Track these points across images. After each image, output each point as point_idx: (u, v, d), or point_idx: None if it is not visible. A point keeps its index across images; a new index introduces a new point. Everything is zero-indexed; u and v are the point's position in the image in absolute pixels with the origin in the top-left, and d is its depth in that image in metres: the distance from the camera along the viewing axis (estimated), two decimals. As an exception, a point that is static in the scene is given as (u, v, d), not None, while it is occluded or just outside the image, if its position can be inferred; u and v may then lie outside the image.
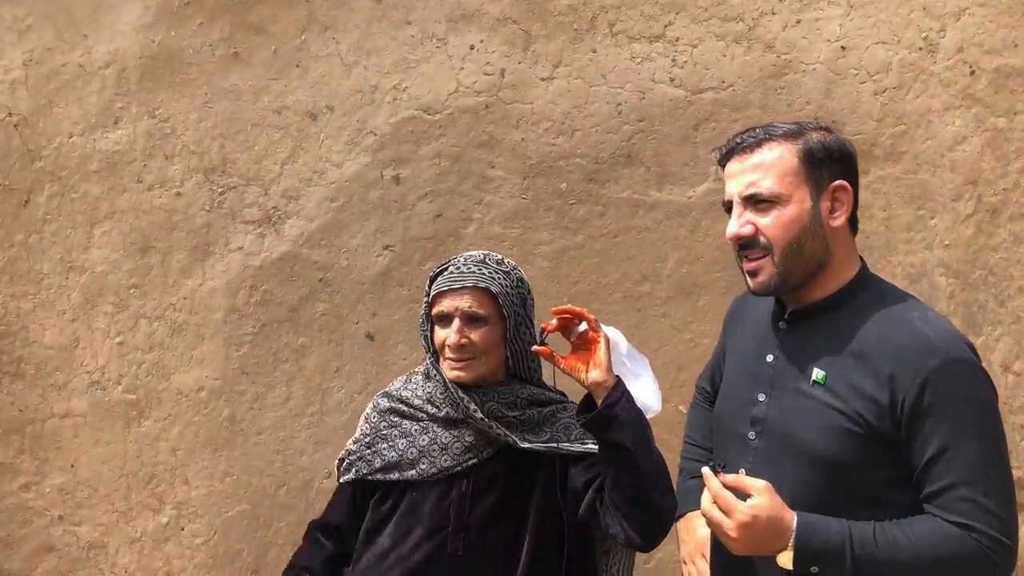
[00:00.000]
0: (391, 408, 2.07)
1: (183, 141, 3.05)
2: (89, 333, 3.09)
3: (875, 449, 1.63)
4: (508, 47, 2.94)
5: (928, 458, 1.59)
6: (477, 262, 1.98)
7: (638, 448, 1.78)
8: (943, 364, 1.60)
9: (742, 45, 2.88)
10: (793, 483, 1.66)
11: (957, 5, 2.80)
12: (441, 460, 1.96)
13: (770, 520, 1.56)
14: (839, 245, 1.73)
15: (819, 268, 1.73)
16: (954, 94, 2.81)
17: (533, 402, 2.00)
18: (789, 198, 1.69)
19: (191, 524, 3.07)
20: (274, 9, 3.00)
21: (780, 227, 1.70)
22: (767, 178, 1.70)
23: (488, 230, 2.96)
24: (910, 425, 1.60)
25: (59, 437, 3.11)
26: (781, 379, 1.76)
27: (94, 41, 3.07)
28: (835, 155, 1.71)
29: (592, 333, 1.83)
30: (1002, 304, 2.81)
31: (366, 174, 2.99)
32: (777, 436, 1.73)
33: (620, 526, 1.82)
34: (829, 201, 1.71)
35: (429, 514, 1.95)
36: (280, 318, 3.03)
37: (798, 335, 1.77)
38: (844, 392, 1.66)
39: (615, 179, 2.93)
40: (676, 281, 2.93)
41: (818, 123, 1.78)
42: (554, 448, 1.95)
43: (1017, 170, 2.80)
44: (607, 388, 1.78)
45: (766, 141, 1.72)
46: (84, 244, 3.08)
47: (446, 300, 1.95)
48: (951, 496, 1.58)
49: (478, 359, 1.95)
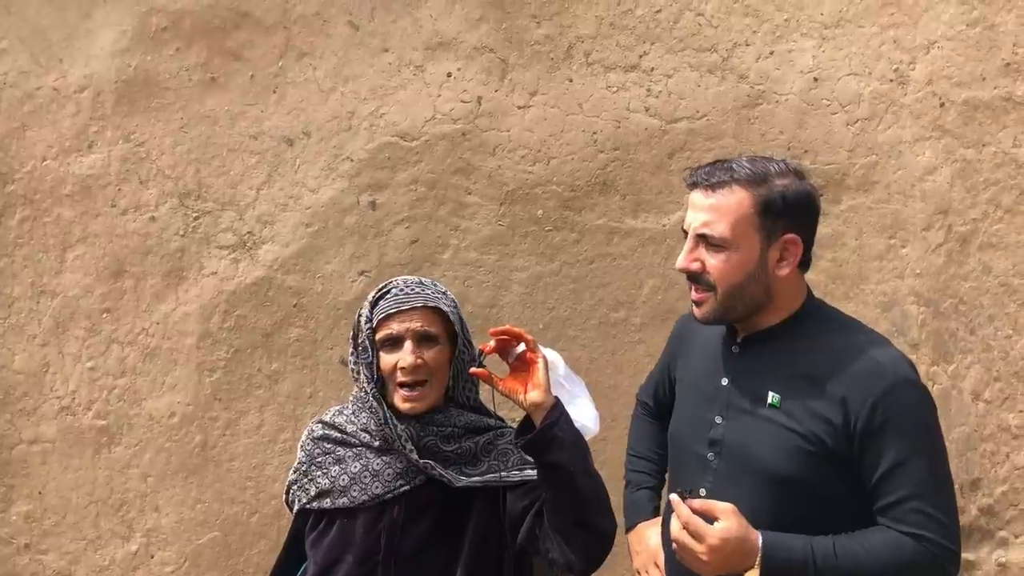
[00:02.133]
0: (324, 435, 2.04)
1: (158, 165, 3.04)
2: (60, 358, 3.06)
3: (827, 467, 1.72)
4: (485, 75, 2.96)
5: (880, 474, 1.69)
6: (418, 283, 1.96)
7: (577, 469, 1.78)
8: (892, 386, 1.70)
9: (716, 75, 2.92)
10: (753, 502, 1.72)
11: (927, 38, 2.85)
12: (373, 487, 1.93)
13: (738, 541, 1.63)
14: (783, 288, 1.80)
15: (763, 304, 1.80)
16: (924, 125, 2.85)
17: (469, 429, 1.97)
18: (738, 245, 1.75)
19: (161, 552, 3.03)
20: (252, 35, 3.01)
21: (725, 270, 1.76)
22: (721, 223, 1.75)
23: (464, 256, 2.96)
24: (863, 444, 1.69)
25: (27, 463, 3.06)
26: (737, 401, 1.82)
27: (69, 65, 3.06)
28: (792, 207, 1.75)
29: (530, 354, 1.83)
30: (972, 332, 2.84)
31: (342, 199, 2.99)
32: (736, 457, 1.80)
33: (560, 550, 1.81)
34: (779, 251, 1.77)
35: (360, 541, 1.92)
36: (254, 343, 3.01)
37: (750, 359, 1.84)
38: (799, 414, 1.73)
39: (591, 206, 2.94)
40: (651, 308, 2.94)
41: (788, 165, 1.80)
42: (491, 481, 1.92)
43: (986, 200, 2.84)
44: (546, 409, 1.77)
45: (729, 184, 1.76)
46: (56, 268, 3.06)
47: (395, 322, 1.91)
48: (903, 508, 1.68)
49: (430, 383, 1.92)
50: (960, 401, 2.84)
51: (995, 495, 2.85)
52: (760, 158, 1.82)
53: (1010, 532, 2.87)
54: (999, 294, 2.83)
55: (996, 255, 2.84)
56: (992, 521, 2.86)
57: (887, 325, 2.82)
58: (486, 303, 2.95)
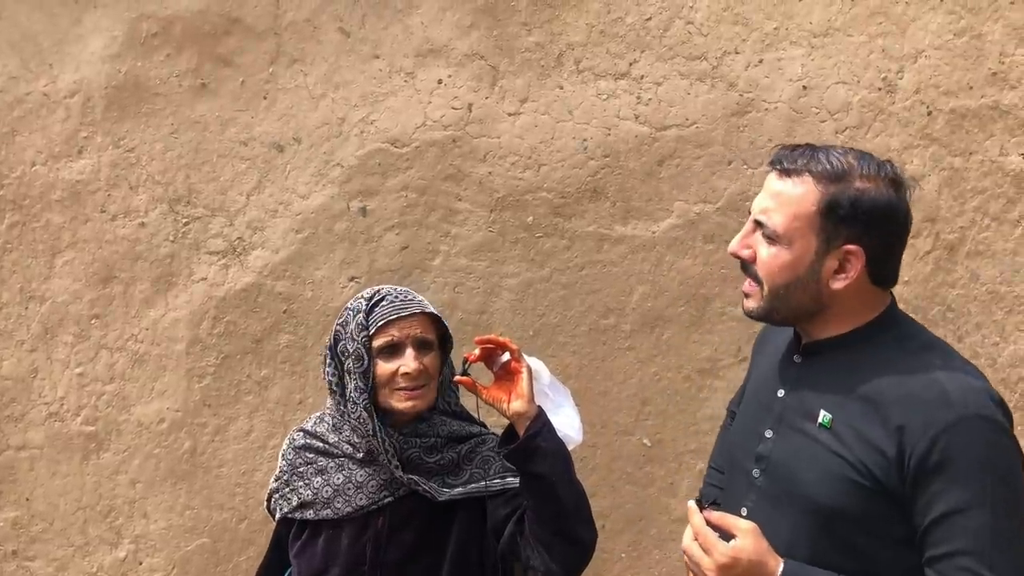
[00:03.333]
0: (306, 444, 2.04)
1: (148, 171, 3.03)
2: (48, 363, 3.05)
3: (878, 504, 1.52)
4: (476, 82, 2.97)
5: (932, 519, 1.48)
6: (406, 291, 1.97)
7: (560, 479, 1.77)
8: (959, 420, 1.48)
9: (706, 83, 2.93)
10: (792, 528, 1.57)
11: (915, 47, 2.87)
12: (357, 499, 1.93)
13: (751, 564, 1.48)
14: (839, 302, 1.61)
15: (814, 313, 1.63)
16: (912, 134, 2.87)
17: (452, 439, 1.97)
18: (791, 243, 1.58)
19: (149, 559, 3.02)
20: (242, 41, 3.01)
21: (773, 267, 1.60)
22: (779, 213, 1.58)
23: (454, 262, 2.96)
24: (916, 482, 1.49)
25: (14, 470, 3.05)
26: (788, 416, 1.65)
27: (59, 70, 3.05)
28: (864, 215, 1.55)
29: (514, 364, 1.82)
30: (960, 340, 2.85)
31: (332, 206, 2.99)
32: (780, 477, 1.63)
33: (541, 559, 1.80)
34: (836, 261, 1.58)
35: (346, 553, 1.93)
36: (243, 350, 3.00)
37: (810, 371, 1.66)
38: (849, 439, 1.55)
39: (581, 213, 2.95)
40: (641, 315, 2.94)
41: (883, 169, 1.59)
42: (473, 492, 1.92)
43: (973, 208, 2.85)
44: (529, 418, 1.77)
45: (801, 173, 1.58)
46: (45, 274, 3.05)
47: (395, 329, 1.90)
48: (953, 564, 1.46)
49: (428, 386, 1.92)
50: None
51: (983, 502, 2.86)
52: (857, 153, 1.61)
53: (998, 539, 2.87)
54: (986, 301, 2.85)
55: (983, 263, 2.85)
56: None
57: (875, 332, 2.83)
58: (476, 309, 2.95)
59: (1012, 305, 2.84)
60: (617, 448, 2.93)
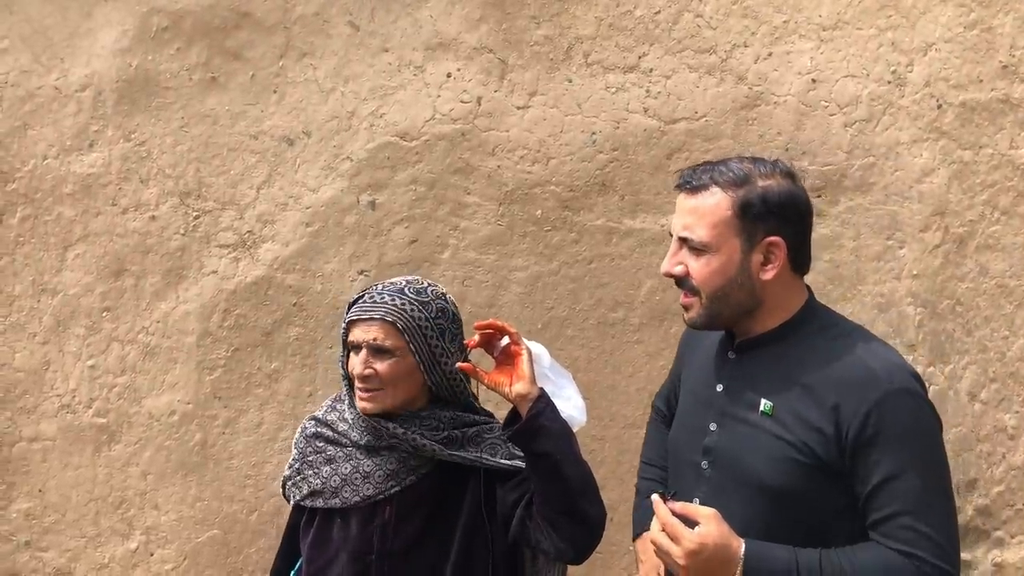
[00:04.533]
0: (316, 433, 2.06)
1: (159, 165, 3.05)
2: (60, 356, 3.07)
3: (821, 478, 1.67)
4: (484, 76, 2.97)
5: (872, 487, 1.63)
6: (393, 292, 1.95)
7: (564, 457, 1.79)
8: (885, 395, 1.64)
9: (715, 77, 2.93)
10: (745, 512, 1.69)
11: (924, 41, 2.86)
12: (364, 489, 1.95)
13: (717, 548, 1.59)
14: (771, 293, 1.75)
15: (752, 309, 1.77)
16: (922, 127, 2.86)
17: (457, 423, 1.98)
18: (718, 248, 1.72)
19: (161, 550, 3.04)
20: (252, 35, 3.02)
21: (707, 275, 1.74)
22: (700, 226, 1.73)
23: (463, 256, 2.97)
24: (854, 455, 1.64)
25: (27, 461, 3.07)
26: (730, 408, 1.79)
27: (70, 64, 3.07)
28: (775, 209, 1.71)
29: (514, 347, 1.84)
30: (969, 333, 2.85)
31: (342, 199, 3.00)
32: (728, 466, 1.76)
33: (550, 539, 1.82)
34: (761, 254, 1.73)
35: (353, 540, 1.95)
36: (254, 342, 3.02)
37: (746, 365, 1.80)
38: (791, 423, 1.69)
39: (589, 207, 2.95)
40: (649, 308, 2.95)
41: (776, 166, 1.76)
42: (479, 460, 1.93)
43: (982, 202, 2.85)
44: (531, 399, 1.79)
45: (709, 187, 1.73)
46: (57, 267, 3.07)
47: (357, 329, 1.93)
48: (894, 524, 1.62)
49: (384, 391, 1.92)
50: (956, 402, 2.85)
51: (991, 495, 2.86)
52: (750, 159, 1.78)
53: (1006, 532, 2.88)
54: (996, 295, 2.84)
55: (993, 256, 2.85)
56: (988, 521, 2.87)
57: (884, 326, 2.84)
58: (485, 303, 2.96)
59: (1021, 299, 2.83)
60: (625, 441, 2.93)
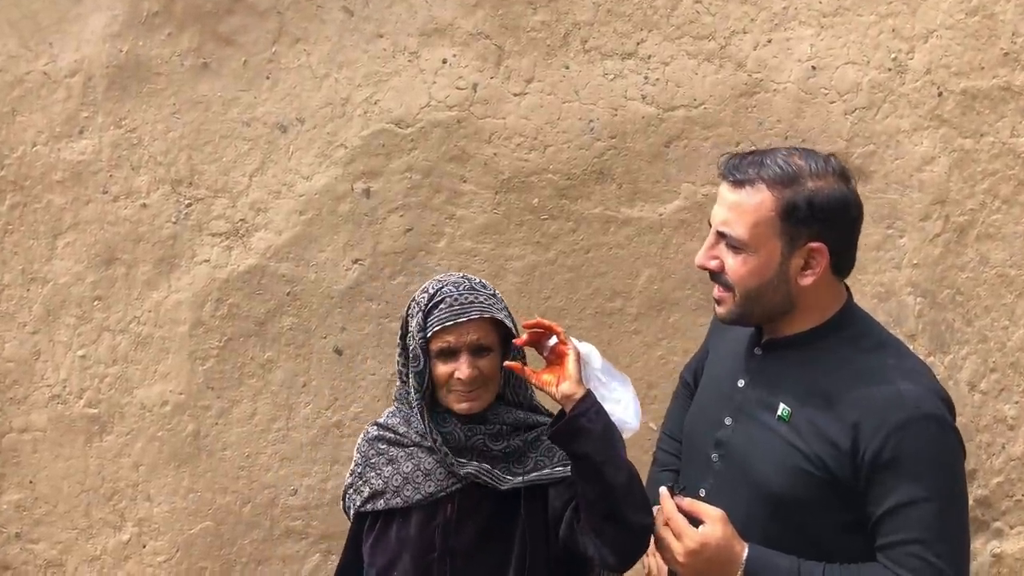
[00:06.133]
0: (379, 436, 2.05)
1: (150, 152, 3.01)
2: (50, 346, 3.03)
3: (829, 493, 1.63)
4: (481, 62, 2.94)
5: (885, 510, 1.59)
6: (468, 290, 1.93)
7: (605, 460, 1.75)
8: (909, 420, 1.58)
9: (714, 64, 2.90)
10: (747, 513, 1.67)
11: (925, 27, 2.84)
12: (425, 486, 1.94)
13: (719, 549, 1.58)
14: (807, 297, 1.70)
15: (786, 311, 1.71)
16: (922, 115, 2.84)
17: (517, 427, 1.97)
18: (757, 249, 1.66)
19: (153, 542, 3.01)
20: (245, 20, 2.98)
21: (743, 273, 1.68)
22: (740, 224, 1.66)
23: (459, 245, 2.95)
24: (870, 476, 1.60)
25: (17, 452, 3.05)
26: (748, 406, 1.75)
27: (60, 49, 3.02)
28: (821, 214, 1.64)
29: (561, 346, 1.82)
30: (969, 323, 2.84)
31: (336, 187, 2.96)
32: (737, 464, 1.74)
33: (594, 545, 1.79)
34: (802, 259, 1.67)
35: (415, 540, 1.93)
36: (247, 332, 2.99)
37: (770, 365, 1.76)
38: (806, 432, 1.65)
39: (587, 195, 2.93)
40: (647, 298, 2.93)
41: (828, 164, 1.67)
42: (536, 480, 1.91)
43: (983, 190, 2.83)
44: (575, 400, 1.76)
45: (754, 182, 1.65)
46: (47, 255, 3.03)
47: (451, 335, 1.89)
48: (904, 551, 1.57)
49: (487, 387, 1.91)
50: (956, 392, 2.83)
51: (991, 486, 2.85)
52: (802, 153, 1.69)
53: (1005, 523, 2.87)
54: (996, 284, 2.83)
55: (993, 245, 2.83)
56: (988, 512, 2.86)
57: (884, 316, 2.82)
58: (481, 292, 2.93)
59: (1022, 288, 2.82)
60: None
